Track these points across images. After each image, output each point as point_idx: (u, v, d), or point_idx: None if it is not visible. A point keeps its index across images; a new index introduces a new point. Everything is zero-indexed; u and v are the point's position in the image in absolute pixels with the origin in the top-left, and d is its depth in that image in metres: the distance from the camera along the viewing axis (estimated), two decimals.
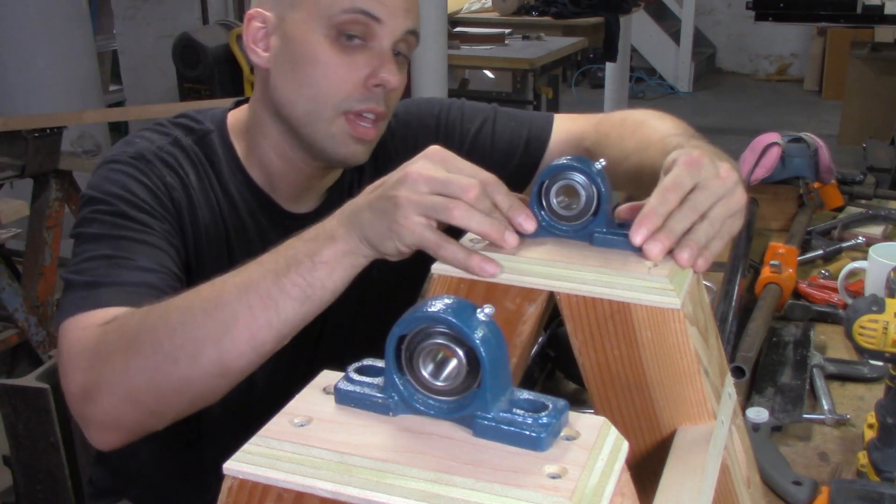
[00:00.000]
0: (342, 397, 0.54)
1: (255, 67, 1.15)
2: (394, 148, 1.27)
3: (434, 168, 0.77)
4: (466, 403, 0.51)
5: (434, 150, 0.79)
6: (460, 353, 0.50)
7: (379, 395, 0.53)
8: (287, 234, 1.18)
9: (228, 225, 1.16)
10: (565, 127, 1.28)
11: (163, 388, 0.87)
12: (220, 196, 1.16)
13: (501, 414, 0.50)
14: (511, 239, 0.72)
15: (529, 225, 0.73)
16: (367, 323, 1.25)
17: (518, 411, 0.50)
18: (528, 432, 0.49)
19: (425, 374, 0.52)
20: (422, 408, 0.52)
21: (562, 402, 0.51)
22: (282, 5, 1.11)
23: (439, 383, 0.52)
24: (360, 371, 0.55)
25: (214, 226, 1.15)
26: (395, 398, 0.53)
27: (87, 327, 0.94)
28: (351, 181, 1.25)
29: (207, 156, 1.17)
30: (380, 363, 0.56)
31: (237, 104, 1.24)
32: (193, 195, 1.13)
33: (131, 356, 0.88)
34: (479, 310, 0.50)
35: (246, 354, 0.85)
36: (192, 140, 1.17)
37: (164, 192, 1.10)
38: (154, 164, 1.11)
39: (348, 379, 0.54)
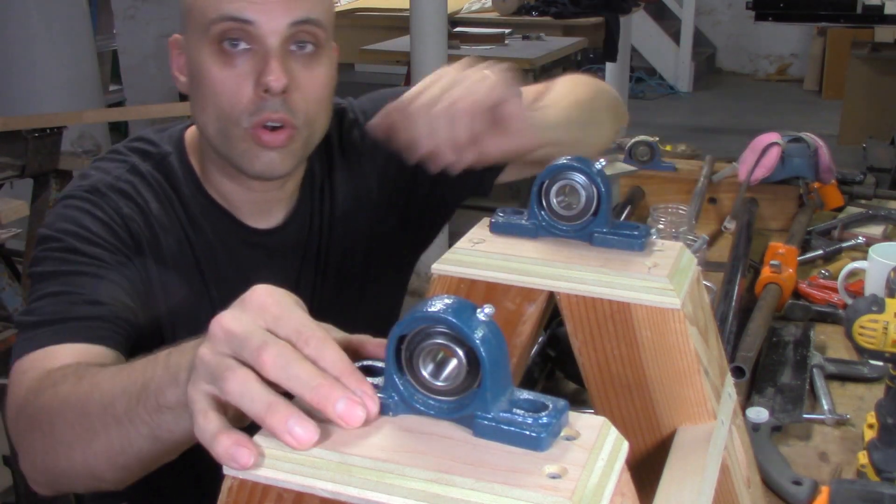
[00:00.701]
0: None
1: None
2: (363, 145, 1.25)
3: (238, 321, 0.57)
4: (466, 403, 0.51)
5: (256, 291, 0.59)
6: (460, 353, 0.50)
7: (379, 395, 0.53)
8: (255, 251, 1.18)
9: (196, 248, 1.14)
10: None
11: (55, 469, 0.86)
12: (184, 220, 1.14)
13: (501, 414, 0.50)
14: (301, 433, 0.50)
15: (356, 411, 0.51)
16: (367, 321, 1.25)
17: (518, 411, 0.50)
18: (528, 432, 0.49)
19: (425, 374, 0.52)
20: (422, 408, 0.52)
21: (562, 402, 0.51)
22: (183, 27, 1.09)
23: (439, 383, 0.52)
24: (363, 370, 0.55)
25: (181, 251, 1.13)
26: (395, 398, 0.53)
27: (27, 371, 0.94)
28: (322, 185, 1.23)
29: (168, 179, 1.14)
30: (378, 363, 0.56)
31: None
32: (155, 223, 1.11)
33: (34, 431, 0.87)
34: (479, 310, 0.50)
35: (112, 471, 0.80)
36: (151, 165, 1.14)
37: (120, 223, 1.08)
38: (108, 196, 1.09)
39: None
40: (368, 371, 0.55)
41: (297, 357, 0.54)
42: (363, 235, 1.26)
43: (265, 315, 0.57)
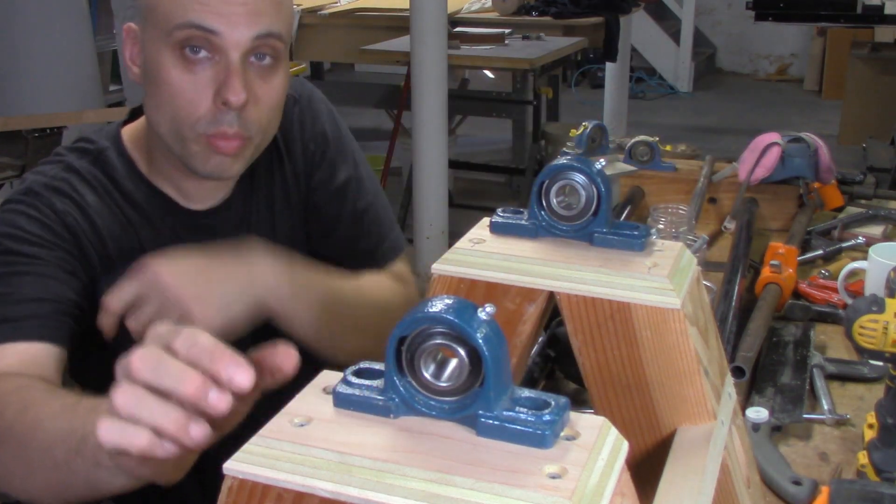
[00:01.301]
0: (341, 401, 0.54)
1: None
2: (299, 133, 1.28)
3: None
4: (469, 403, 0.51)
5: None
6: (462, 352, 0.50)
7: (379, 397, 0.53)
8: (199, 233, 1.19)
9: (141, 236, 1.16)
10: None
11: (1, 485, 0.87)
12: (125, 208, 1.16)
13: (505, 413, 0.50)
14: (195, 432, 0.58)
15: (242, 377, 0.59)
16: None
17: (521, 409, 0.50)
18: (532, 430, 0.49)
19: (427, 374, 0.52)
20: (423, 409, 0.52)
21: (563, 399, 0.51)
22: (142, 20, 1.09)
23: (441, 384, 0.52)
24: (357, 374, 0.55)
25: (127, 239, 1.15)
26: (396, 400, 0.53)
27: None
28: (257, 167, 1.23)
29: (106, 172, 1.16)
30: (377, 365, 0.56)
31: (132, 115, 1.23)
32: (93, 215, 1.12)
33: None
34: (480, 309, 0.50)
35: (53, 501, 0.81)
36: (88, 161, 1.16)
37: (55, 219, 1.09)
38: (41, 195, 1.10)
39: (346, 382, 0.54)
40: (360, 374, 0.55)
41: (163, 356, 0.61)
42: (286, 222, 1.29)
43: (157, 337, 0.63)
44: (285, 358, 0.63)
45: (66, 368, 1.07)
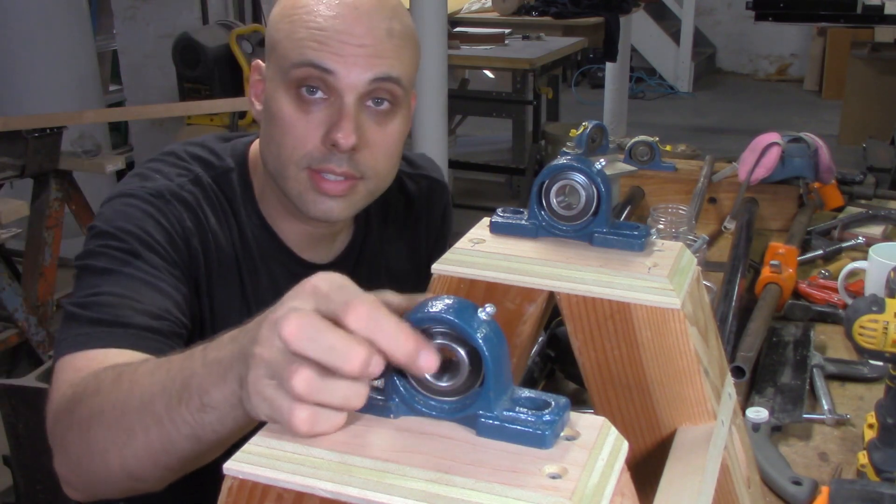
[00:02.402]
0: None
1: None
2: (403, 215, 1.28)
3: (291, 308, 0.57)
4: (469, 403, 0.51)
5: (310, 279, 0.59)
6: (462, 352, 0.50)
7: (380, 397, 0.53)
8: (297, 281, 1.16)
9: (242, 268, 1.14)
10: None
11: (91, 473, 0.83)
12: (236, 239, 1.13)
13: (505, 413, 0.50)
14: (427, 358, 0.51)
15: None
16: None
17: (521, 410, 0.50)
18: (532, 430, 0.49)
19: (427, 375, 0.52)
20: (424, 409, 0.52)
21: (563, 399, 0.51)
22: (267, 58, 1.09)
23: (441, 384, 0.52)
24: None
25: (229, 268, 1.12)
26: (397, 400, 0.53)
27: (80, 369, 0.92)
28: (356, 236, 1.23)
29: (226, 195, 1.14)
30: None
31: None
32: (211, 240, 1.10)
33: (70, 432, 0.84)
34: (480, 309, 0.50)
35: (153, 471, 0.77)
36: (211, 177, 1.13)
37: (182, 235, 1.07)
38: (173, 205, 1.07)
39: None
40: None
41: (327, 326, 0.53)
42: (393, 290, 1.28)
43: (316, 296, 0.57)
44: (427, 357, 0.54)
45: None
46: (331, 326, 0.53)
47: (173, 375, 0.73)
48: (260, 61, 1.12)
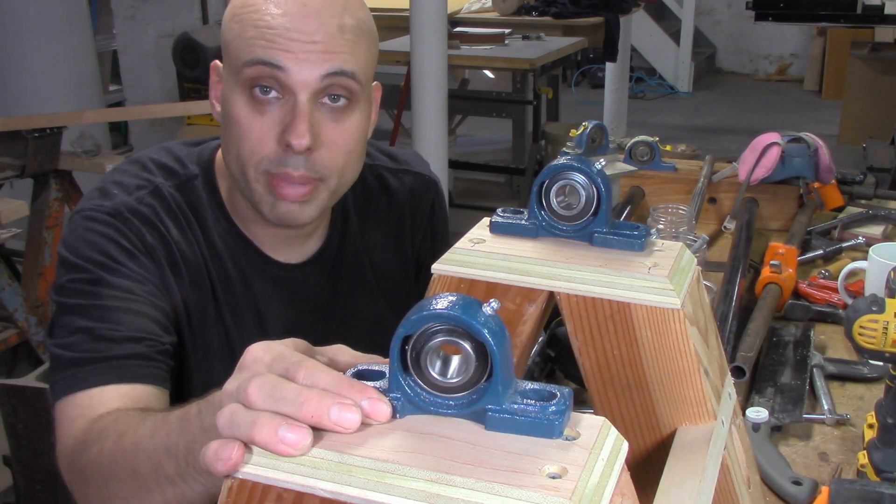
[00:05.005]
0: None
1: None
2: (386, 211, 1.26)
3: (234, 379, 0.58)
4: (477, 398, 0.51)
5: (249, 351, 0.59)
6: (468, 348, 0.50)
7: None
8: (273, 284, 1.15)
9: (213, 275, 1.12)
10: None
11: None
12: (202, 245, 1.12)
13: (514, 405, 0.50)
14: (294, 438, 0.50)
15: (348, 413, 0.51)
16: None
17: (528, 401, 0.51)
18: (542, 420, 0.49)
19: (433, 372, 0.52)
20: (430, 407, 0.52)
21: (566, 390, 0.51)
22: (223, 60, 1.07)
23: (448, 381, 0.52)
24: (358, 376, 0.55)
25: (199, 276, 1.11)
26: (401, 399, 0.53)
27: (74, 419, 0.93)
28: (332, 234, 1.22)
29: (190, 203, 1.12)
30: (375, 367, 0.56)
31: None
32: (175, 250, 1.09)
33: (88, 486, 0.87)
34: (484, 305, 0.51)
35: None
36: (173, 186, 1.12)
37: (145, 252, 1.06)
38: (131, 222, 1.06)
39: None
40: (361, 376, 0.55)
41: (279, 381, 0.54)
42: (379, 288, 1.26)
43: (257, 366, 0.58)
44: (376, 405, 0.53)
45: None
46: (283, 381, 0.55)
47: (175, 440, 0.75)
48: (218, 62, 1.10)
